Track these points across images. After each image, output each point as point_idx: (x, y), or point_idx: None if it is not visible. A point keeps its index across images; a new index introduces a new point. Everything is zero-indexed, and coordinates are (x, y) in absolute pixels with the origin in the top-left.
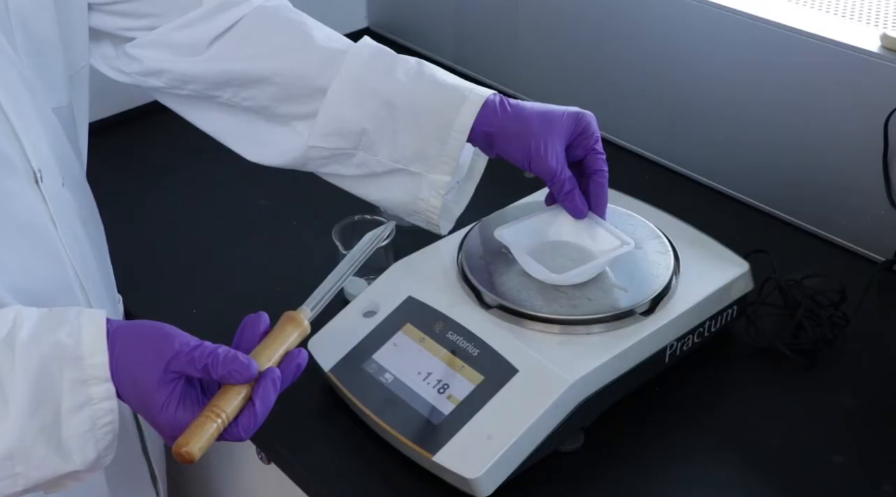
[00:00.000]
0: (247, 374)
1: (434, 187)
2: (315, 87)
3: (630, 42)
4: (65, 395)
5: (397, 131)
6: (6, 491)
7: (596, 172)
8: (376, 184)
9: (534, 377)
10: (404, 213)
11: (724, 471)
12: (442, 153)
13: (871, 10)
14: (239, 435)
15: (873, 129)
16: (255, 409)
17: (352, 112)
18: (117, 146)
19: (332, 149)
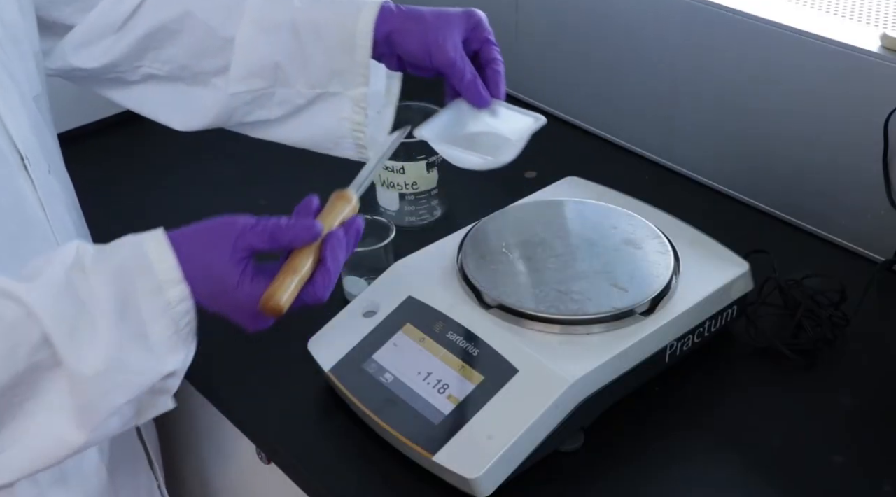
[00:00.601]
0: (313, 231)
1: (355, 102)
2: (223, 38)
3: (630, 42)
4: (144, 305)
5: (307, 56)
6: (116, 401)
7: (492, 61)
8: (301, 120)
9: (534, 377)
10: (333, 143)
11: (724, 471)
12: (353, 65)
13: (871, 10)
14: (317, 294)
15: (873, 129)
16: (327, 267)
17: (261, 49)
18: (117, 146)
19: (251, 91)
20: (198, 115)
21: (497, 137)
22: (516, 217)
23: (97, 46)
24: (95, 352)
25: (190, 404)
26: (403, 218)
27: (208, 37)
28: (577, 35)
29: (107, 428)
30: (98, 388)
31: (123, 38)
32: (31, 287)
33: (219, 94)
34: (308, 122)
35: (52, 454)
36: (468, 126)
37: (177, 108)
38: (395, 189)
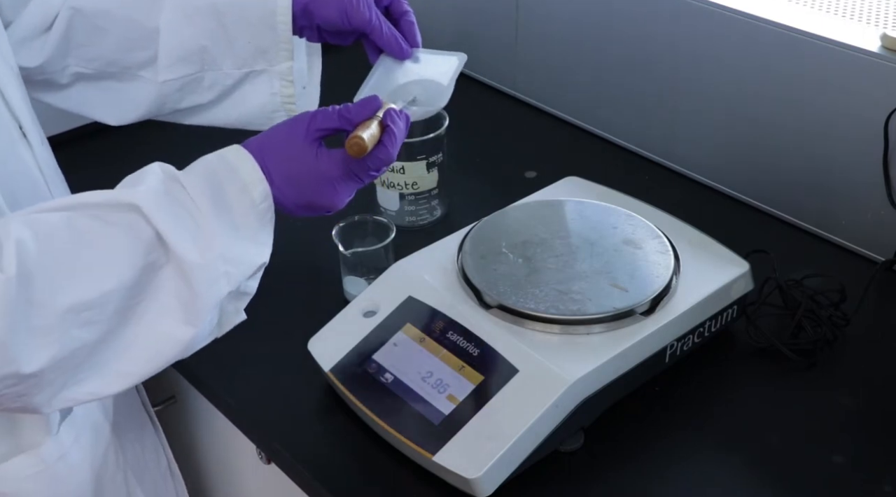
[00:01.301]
0: (374, 104)
1: (282, 76)
2: (148, 29)
3: (630, 42)
4: (234, 203)
5: (231, 37)
6: (221, 290)
7: (404, 14)
8: (232, 100)
9: (534, 377)
10: (266, 118)
11: (724, 471)
12: (276, 41)
13: (871, 10)
14: (389, 152)
15: (873, 129)
16: (392, 130)
17: (186, 34)
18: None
19: (181, 78)
20: (131, 109)
21: (428, 83)
22: (516, 217)
23: (32, 45)
24: (202, 243)
25: (190, 404)
26: (403, 218)
27: (133, 30)
28: (577, 35)
29: (204, 327)
30: (206, 276)
31: (52, 35)
32: (138, 192)
33: (149, 86)
34: (240, 102)
35: (165, 352)
36: (399, 78)
37: (110, 105)
38: (395, 189)
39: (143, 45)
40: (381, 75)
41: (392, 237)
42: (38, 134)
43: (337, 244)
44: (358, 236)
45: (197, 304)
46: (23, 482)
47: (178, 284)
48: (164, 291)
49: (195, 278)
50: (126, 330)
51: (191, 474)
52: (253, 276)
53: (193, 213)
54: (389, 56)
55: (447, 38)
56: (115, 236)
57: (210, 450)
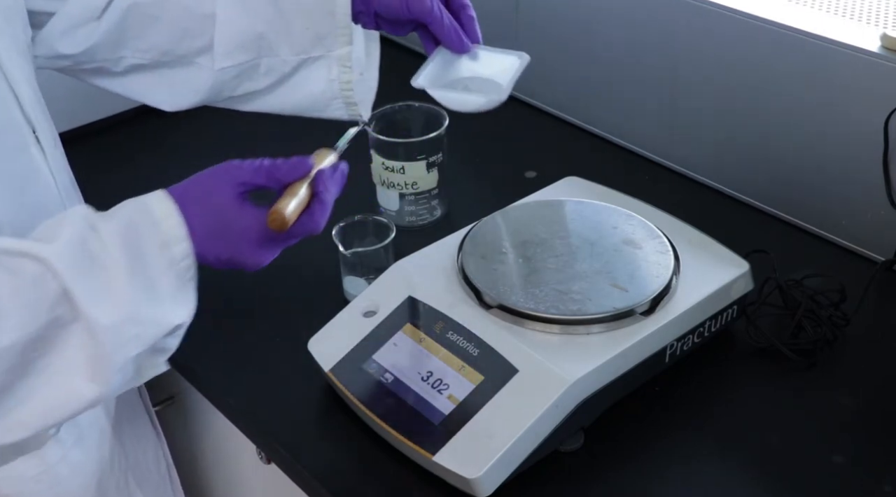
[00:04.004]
0: (305, 166)
1: (340, 62)
2: (203, 15)
3: (630, 42)
4: (152, 260)
5: (288, 23)
6: (130, 351)
7: (463, 7)
8: (289, 87)
9: (534, 377)
10: (324, 104)
11: (724, 470)
12: (335, 27)
13: (871, 10)
14: (316, 222)
15: (873, 129)
16: (322, 198)
17: (243, 21)
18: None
19: (237, 65)
20: (187, 96)
21: (486, 81)
22: (516, 217)
23: (78, 32)
24: (112, 303)
25: (190, 404)
26: (403, 218)
27: (187, 17)
28: (576, 35)
29: (114, 384)
30: (114, 338)
31: (103, 24)
32: (47, 246)
33: (205, 73)
34: (296, 89)
35: (67, 408)
36: (454, 73)
37: (165, 91)
38: (395, 189)
39: (199, 33)
40: (435, 67)
41: (392, 237)
42: (52, 137)
43: (337, 244)
44: (358, 236)
45: (104, 364)
46: (25, 483)
47: (86, 342)
48: (71, 348)
49: (103, 339)
50: (27, 381)
51: (191, 474)
52: (171, 334)
53: (107, 270)
54: (447, 49)
55: None
56: (19, 288)
57: (210, 450)
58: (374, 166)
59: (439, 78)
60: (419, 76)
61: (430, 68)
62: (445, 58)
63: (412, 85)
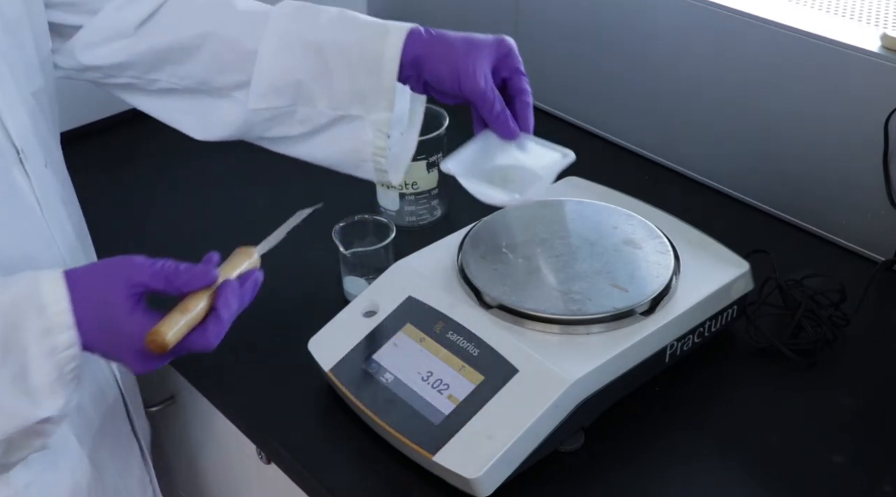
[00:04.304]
0: (206, 278)
1: (377, 127)
2: (245, 51)
3: (630, 42)
4: (32, 345)
5: (331, 76)
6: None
7: (520, 92)
8: (322, 139)
9: (534, 377)
10: (353, 165)
11: (724, 470)
12: (378, 89)
13: (871, 10)
14: (208, 340)
15: (873, 129)
16: (219, 314)
17: (284, 66)
18: (117, 146)
19: (272, 108)
20: (218, 127)
21: (525, 171)
22: (516, 217)
23: (107, 47)
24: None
25: (189, 404)
26: (403, 218)
27: (229, 51)
28: (577, 35)
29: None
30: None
31: (137, 44)
32: None
33: (239, 108)
34: (329, 143)
35: None
36: (496, 158)
37: (197, 119)
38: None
39: (238, 68)
40: (478, 149)
41: (392, 237)
42: (41, 159)
43: (337, 244)
44: (358, 236)
45: None
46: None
47: None
48: None
49: None
50: None
51: (191, 474)
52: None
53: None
54: (492, 134)
55: None
56: None
57: (210, 450)
58: None
59: (475, 164)
60: (450, 160)
61: (467, 153)
62: (489, 140)
63: (441, 168)
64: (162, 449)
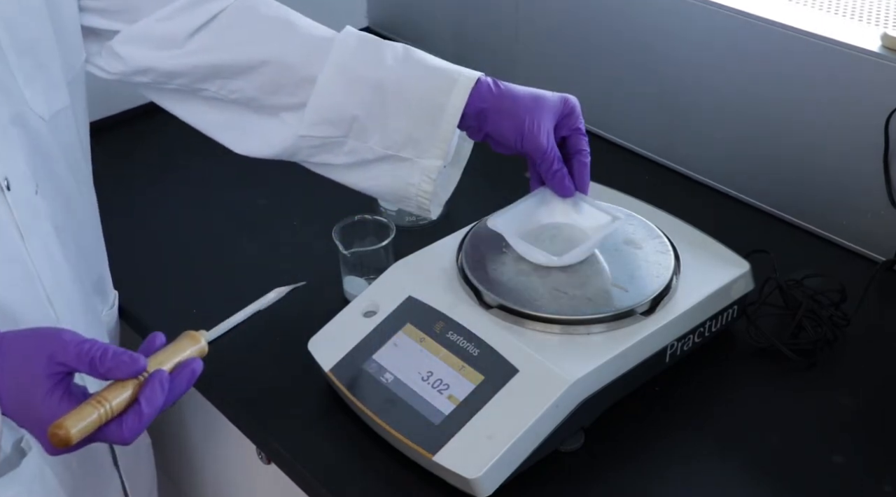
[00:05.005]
0: (133, 367)
1: (426, 172)
2: (303, 77)
3: (630, 42)
4: None
5: (388, 117)
6: None
7: (579, 152)
8: (366, 172)
9: (534, 377)
10: (394, 199)
11: (724, 470)
12: (433, 137)
13: (871, 10)
14: (122, 435)
15: (873, 129)
16: (140, 409)
17: (342, 99)
18: (117, 146)
19: (322, 138)
20: (262, 145)
21: (574, 230)
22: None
23: (156, 54)
24: None
25: (189, 404)
26: (403, 218)
27: (287, 76)
28: (577, 35)
29: None
30: None
31: (188, 56)
32: None
33: (287, 131)
34: (373, 176)
35: None
36: (547, 216)
37: (239, 134)
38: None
39: (293, 92)
40: (531, 205)
41: (392, 237)
42: (31, 187)
43: (337, 244)
44: (358, 236)
45: None
46: None
47: None
48: None
49: None
50: None
51: (191, 475)
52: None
53: None
54: (547, 192)
55: (447, 38)
56: None
57: (210, 450)
58: None
59: (524, 222)
60: (499, 217)
61: (517, 210)
62: (543, 197)
63: (488, 225)
64: (162, 449)
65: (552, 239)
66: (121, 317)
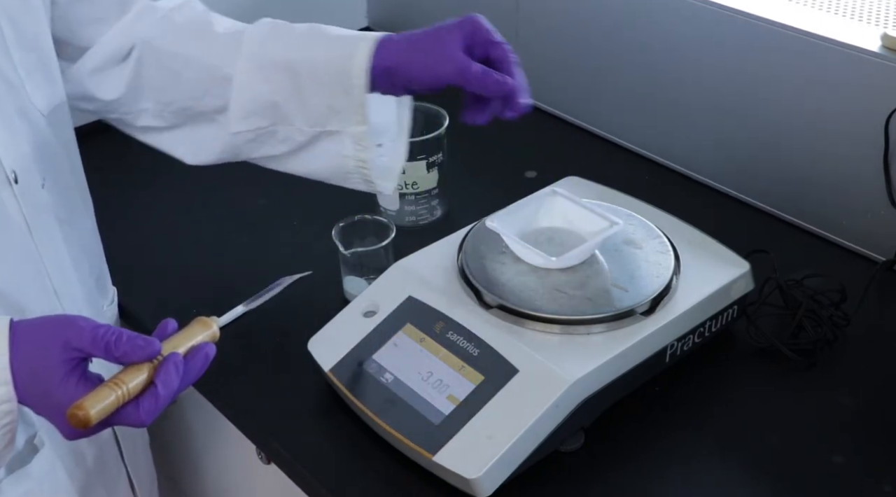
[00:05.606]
0: (148, 351)
1: (356, 140)
2: (223, 76)
3: (630, 42)
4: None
5: (304, 95)
6: None
7: (502, 61)
8: (306, 156)
9: (534, 377)
10: (341, 178)
11: (724, 471)
12: (350, 103)
13: (871, 10)
14: (140, 417)
15: (873, 129)
16: (156, 391)
17: (259, 89)
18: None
19: (253, 131)
20: (206, 152)
21: (570, 235)
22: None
23: (109, 74)
24: None
25: (189, 404)
26: (403, 218)
27: (207, 77)
28: (577, 35)
29: None
30: None
31: (126, 70)
32: None
33: (222, 132)
34: (314, 158)
35: None
36: (544, 220)
37: (188, 145)
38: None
39: (216, 93)
40: (531, 206)
41: (392, 237)
42: (38, 180)
43: (337, 244)
44: (358, 236)
45: None
46: None
47: None
48: None
49: None
50: None
51: (191, 474)
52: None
53: None
54: (548, 196)
55: None
56: None
57: (210, 450)
58: None
59: (521, 224)
60: (496, 217)
61: (514, 211)
62: (542, 201)
63: (486, 225)
64: (162, 449)
65: (550, 241)
66: (120, 316)
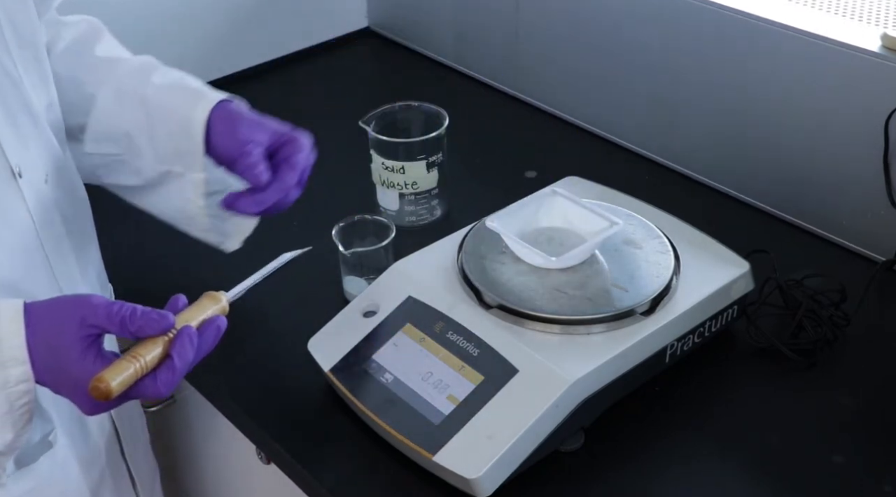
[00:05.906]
0: (162, 324)
1: (194, 185)
2: (87, 95)
3: (630, 41)
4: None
5: (154, 132)
6: None
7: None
8: (155, 193)
9: (534, 377)
10: (186, 222)
11: (725, 470)
12: (191, 149)
13: (871, 10)
14: (158, 389)
15: (873, 129)
16: (173, 363)
17: (115, 115)
18: None
19: (104, 155)
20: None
21: (570, 235)
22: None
23: None
24: None
25: (189, 405)
26: (403, 218)
27: (74, 92)
28: (577, 34)
29: None
30: None
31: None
32: None
33: (78, 151)
34: (162, 197)
35: None
36: (544, 220)
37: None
38: (395, 189)
39: (80, 111)
40: (531, 206)
41: (392, 237)
42: (41, 175)
43: (337, 244)
44: (358, 236)
45: None
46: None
47: None
48: None
49: None
50: None
51: (191, 474)
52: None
53: None
54: (548, 196)
55: (447, 38)
56: None
57: (210, 450)
58: (374, 166)
59: (521, 224)
60: (496, 217)
61: (514, 211)
62: (542, 201)
63: (486, 225)
64: (162, 449)
65: (550, 241)
66: None
